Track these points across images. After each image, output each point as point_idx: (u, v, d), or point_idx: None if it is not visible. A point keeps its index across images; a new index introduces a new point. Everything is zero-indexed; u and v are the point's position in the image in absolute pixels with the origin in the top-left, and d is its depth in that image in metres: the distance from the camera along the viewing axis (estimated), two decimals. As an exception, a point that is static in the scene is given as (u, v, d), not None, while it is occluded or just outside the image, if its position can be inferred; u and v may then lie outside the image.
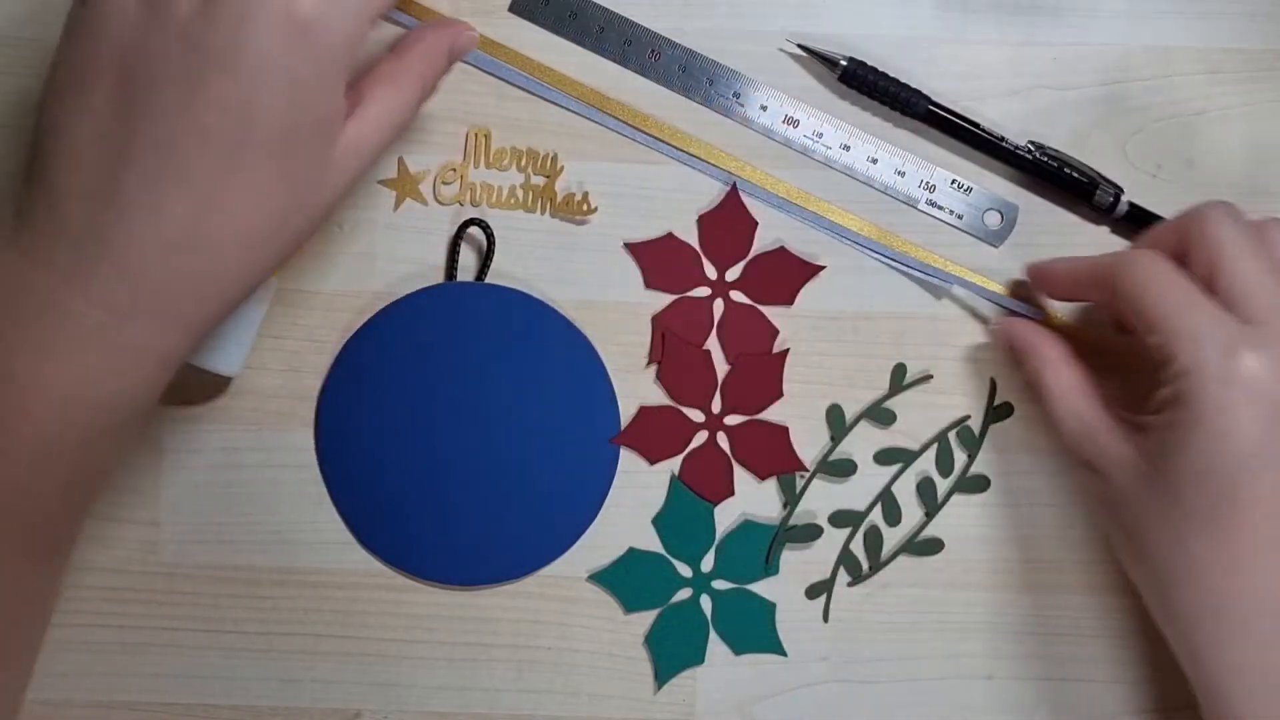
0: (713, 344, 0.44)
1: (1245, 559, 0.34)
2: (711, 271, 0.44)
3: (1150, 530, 0.36)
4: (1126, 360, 0.41)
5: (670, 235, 0.44)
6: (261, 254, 0.33)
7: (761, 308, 0.44)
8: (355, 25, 0.32)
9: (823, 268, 0.44)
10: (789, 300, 0.44)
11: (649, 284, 0.44)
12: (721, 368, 0.44)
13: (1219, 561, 0.34)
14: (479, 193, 0.44)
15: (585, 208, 0.44)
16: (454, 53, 0.38)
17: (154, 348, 0.33)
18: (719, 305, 0.44)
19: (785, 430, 0.44)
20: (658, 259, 0.44)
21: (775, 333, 0.44)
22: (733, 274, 0.44)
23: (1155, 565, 0.37)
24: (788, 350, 0.44)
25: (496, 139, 0.44)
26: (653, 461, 0.44)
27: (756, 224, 0.44)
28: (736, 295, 0.44)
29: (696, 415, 0.44)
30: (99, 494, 0.37)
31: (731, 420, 0.44)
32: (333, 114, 0.33)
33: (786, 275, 0.44)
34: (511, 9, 0.44)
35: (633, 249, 0.44)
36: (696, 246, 0.44)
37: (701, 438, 0.44)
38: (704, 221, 0.44)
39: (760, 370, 0.44)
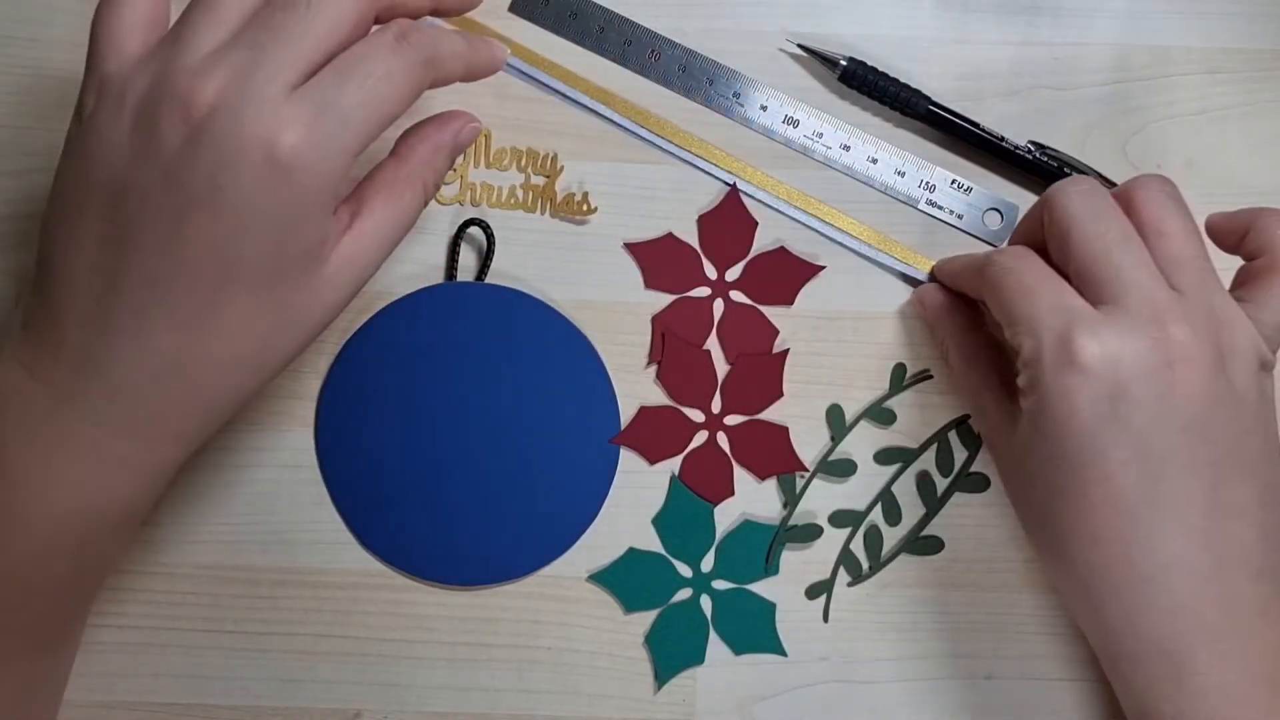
0: (713, 344, 0.44)
1: (1102, 532, 0.34)
2: (711, 271, 0.44)
3: (1027, 506, 0.38)
4: None
5: (670, 235, 0.44)
6: (248, 375, 0.34)
7: (761, 308, 0.44)
8: (338, 163, 0.32)
9: (822, 268, 0.44)
10: (789, 300, 0.44)
11: (649, 284, 0.44)
12: (721, 368, 0.44)
13: (1080, 535, 0.35)
14: (479, 193, 0.44)
15: (585, 208, 0.44)
16: (457, 148, 0.37)
17: (146, 461, 0.34)
18: (719, 305, 0.44)
19: (785, 430, 0.44)
20: (658, 259, 0.44)
21: (775, 333, 0.44)
22: (733, 274, 0.44)
23: (1034, 539, 0.38)
24: (788, 350, 0.44)
25: (496, 139, 0.44)
26: (652, 461, 0.44)
27: (756, 224, 0.44)
28: (736, 295, 0.44)
29: (696, 415, 0.44)
30: (101, 587, 0.39)
31: (731, 420, 0.44)
32: (318, 244, 0.33)
33: (786, 275, 0.44)
34: (511, 9, 0.44)
35: (633, 249, 0.44)
36: (696, 246, 0.44)
37: (701, 438, 0.44)
38: (704, 221, 0.44)
39: (760, 370, 0.44)
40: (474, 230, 0.44)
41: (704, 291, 0.44)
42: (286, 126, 0.30)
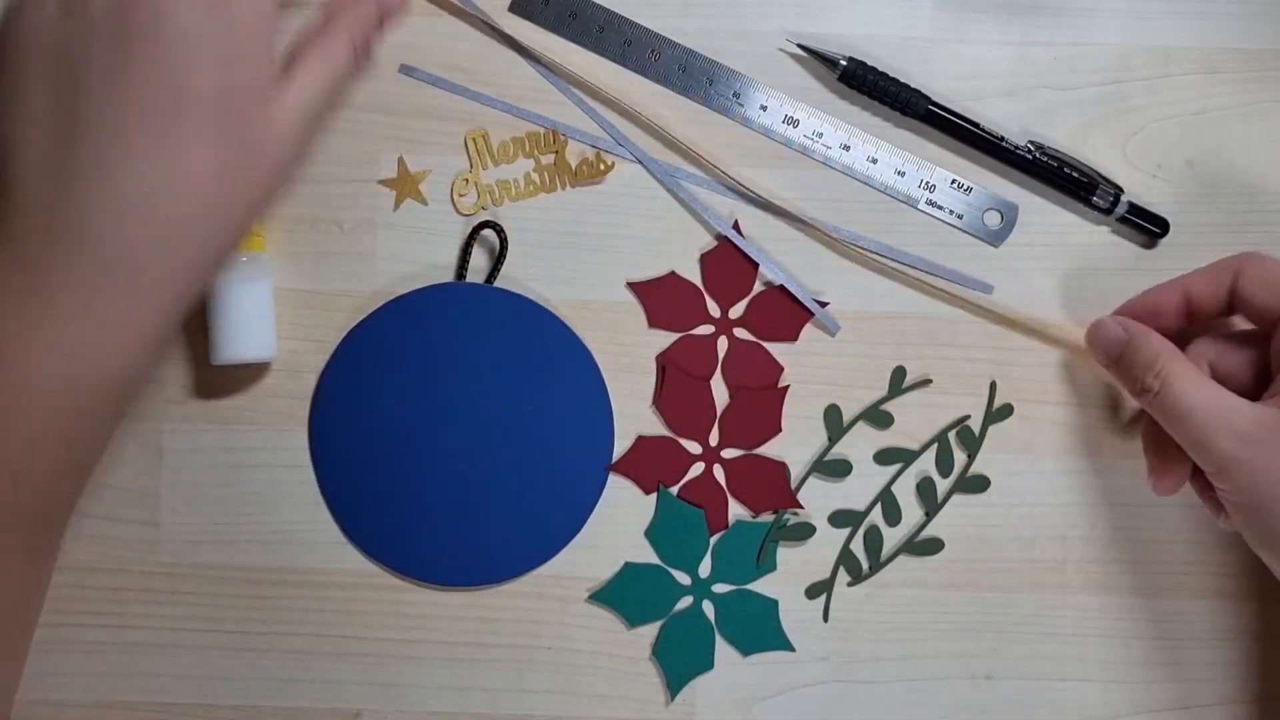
0: (717, 381, 0.44)
1: None
2: (715, 309, 0.44)
3: None
4: None
5: (673, 274, 0.44)
6: (216, 216, 0.35)
7: (765, 344, 0.44)
8: (265, 3, 0.34)
9: (826, 304, 0.44)
10: (793, 337, 0.44)
11: (652, 323, 0.44)
12: (721, 401, 0.44)
13: None
14: (497, 193, 0.44)
15: (603, 166, 0.44)
16: (384, 9, 0.38)
17: (127, 321, 0.34)
18: (723, 343, 0.44)
19: (783, 466, 0.44)
20: (660, 298, 0.44)
21: (779, 370, 0.44)
22: (735, 311, 0.44)
23: None
24: (787, 387, 0.44)
25: (494, 135, 0.44)
26: (648, 491, 0.44)
27: (758, 265, 0.44)
28: (740, 333, 0.44)
29: (694, 447, 0.44)
30: (86, 482, 0.37)
31: (729, 454, 0.44)
32: (262, 80, 0.35)
33: (790, 311, 0.44)
34: (511, 9, 0.44)
35: (635, 288, 0.44)
36: (699, 285, 0.44)
37: (698, 470, 0.44)
38: (706, 260, 0.44)
39: (759, 405, 0.44)
40: (487, 232, 0.44)
41: (707, 329, 0.44)
42: None
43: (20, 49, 0.34)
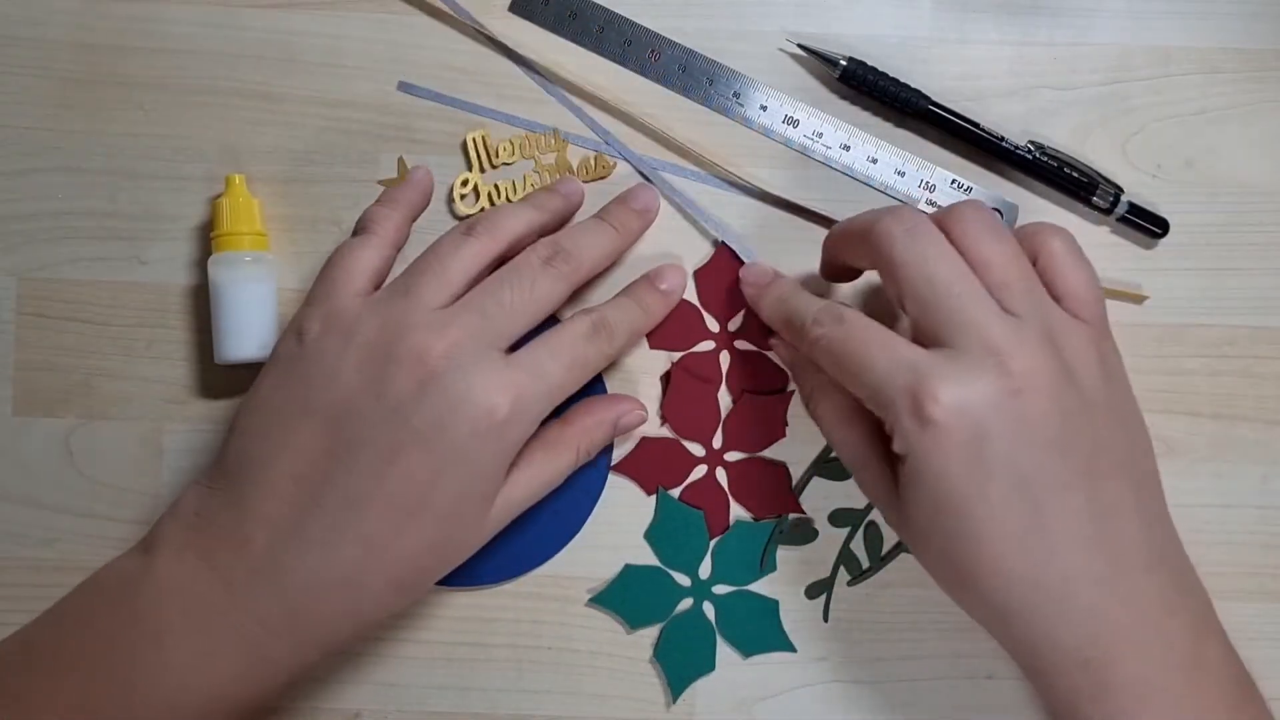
0: (723, 394, 0.44)
1: (1001, 564, 0.34)
2: (713, 325, 0.44)
3: (926, 555, 0.37)
4: None
5: None
6: (400, 597, 0.38)
7: (769, 353, 0.44)
8: (531, 427, 0.37)
9: None
10: None
11: (653, 344, 0.44)
12: (725, 405, 0.44)
13: (982, 571, 0.35)
14: (498, 196, 0.44)
15: (605, 165, 0.44)
16: (617, 428, 0.41)
17: (291, 664, 0.36)
18: (725, 357, 0.44)
19: (784, 468, 0.44)
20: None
21: (785, 378, 0.44)
22: (735, 324, 0.44)
23: (941, 582, 0.37)
24: (793, 391, 0.44)
25: (495, 136, 0.44)
26: (650, 492, 0.44)
27: None
28: (741, 345, 0.44)
29: (697, 449, 0.44)
30: None
31: (731, 457, 0.44)
32: (494, 488, 0.37)
33: None
34: (511, 9, 0.44)
35: None
36: (695, 302, 0.44)
37: (700, 471, 0.44)
38: (700, 276, 0.44)
39: (764, 409, 0.44)
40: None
41: (708, 345, 0.44)
42: (507, 389, 0.36)
43: (309, 386, 0.36)
